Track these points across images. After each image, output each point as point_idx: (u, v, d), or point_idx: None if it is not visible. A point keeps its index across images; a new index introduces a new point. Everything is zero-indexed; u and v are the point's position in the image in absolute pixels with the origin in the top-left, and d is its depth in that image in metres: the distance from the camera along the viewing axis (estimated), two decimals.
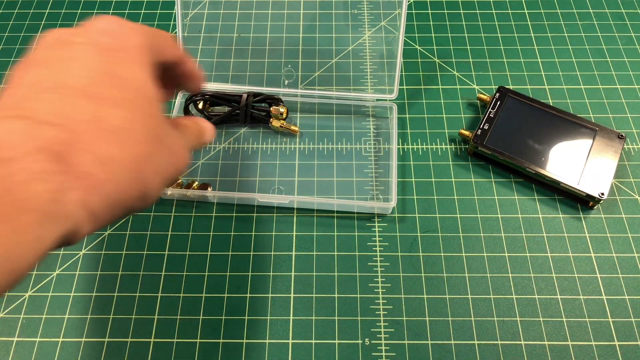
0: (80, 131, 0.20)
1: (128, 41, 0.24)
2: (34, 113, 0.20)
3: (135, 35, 0.25)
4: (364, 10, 0.59)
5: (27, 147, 0.19)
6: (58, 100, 0.21)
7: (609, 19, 0.59)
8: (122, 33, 0.24)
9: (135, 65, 0.24)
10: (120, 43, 0.24)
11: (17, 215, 0.18)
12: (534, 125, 0.48)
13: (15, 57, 0.57)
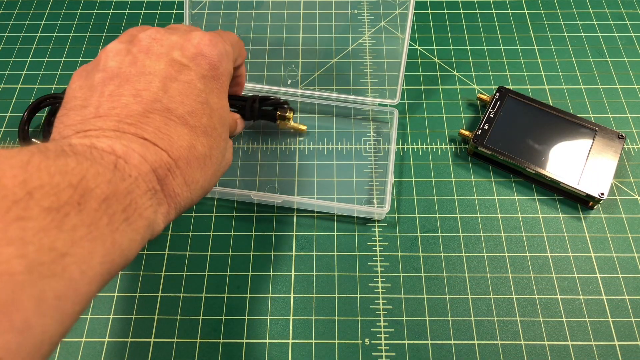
0: (178, 157, 0.24)
1: (223, 69, 0.26)
2: (147, 134, 0.23)
3: (229, 62, 0.27)
4: (364, 11, 0.59)
5: (144, 168, 0.23)
6: (164, 125, 0.24)
7: (608, 19, 0.59)
8: (220, 61, 0.26)
9: (223, 94, 0.26)
10: (217, 73, 0.26)
11: (136, 220, 0.22)
12: (533, 125, 0.48)
13: (15, 57, 0.57)
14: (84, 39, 0.58)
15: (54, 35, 0.58)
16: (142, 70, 0.25)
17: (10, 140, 0.51)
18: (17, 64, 0.56)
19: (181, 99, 0.24)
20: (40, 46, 0.58)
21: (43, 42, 0.58)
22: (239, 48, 0.30)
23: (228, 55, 0.27)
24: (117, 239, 0.21)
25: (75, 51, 0.57)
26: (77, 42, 0.58)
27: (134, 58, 0.26)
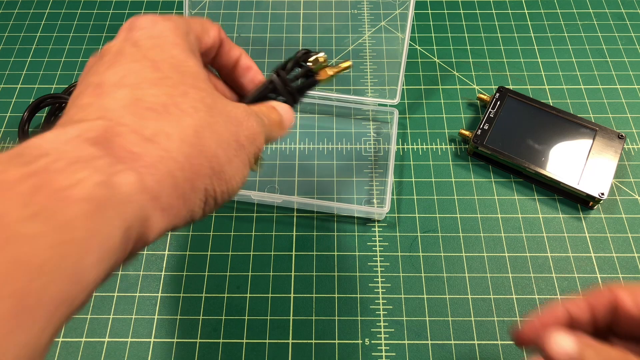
0: (119, 116, 0.19)
1: (158, 30, 0.24)
2: (73, 115, 0.20)
3: (165, 22, 0.24)
4: (364, 11, 0.59)
5: (61, 139, 0.17)
6: (95, 97, 0.20)
7: (609, 19, 0.59)
8: (153, 23, 0.24)
9: (168, 46, 0.23)
10: (150, 32, 0.24)
11: (61, 209, 0.15)
12: (534, 125, 0.48)
13: (15, 57, 0.57)
14: (83, 39, 0.58)
15: (54, 35, 0.58)
16: (90, 71, 0.24)
17: (10, 140, 0.51)
18: (17, 64, 0.56)
19: (114, 70, 0.22)
20: (40, 46, 0.57)
21: (43, 42, 0.58)
22: (197, 22, 0.27)
23: (164, 18, 0.24)
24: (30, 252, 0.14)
25: (75, 51, 0.57)
26: (77, 42, 0.58)
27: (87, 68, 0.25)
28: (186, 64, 0.23)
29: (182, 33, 0.24)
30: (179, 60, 0.23)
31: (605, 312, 0.26)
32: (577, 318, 0.27)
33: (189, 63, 0.23)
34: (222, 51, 0.29)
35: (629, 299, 0.26)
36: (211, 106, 0.22)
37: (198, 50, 0.26)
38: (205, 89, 0.23)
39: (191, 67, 0.23)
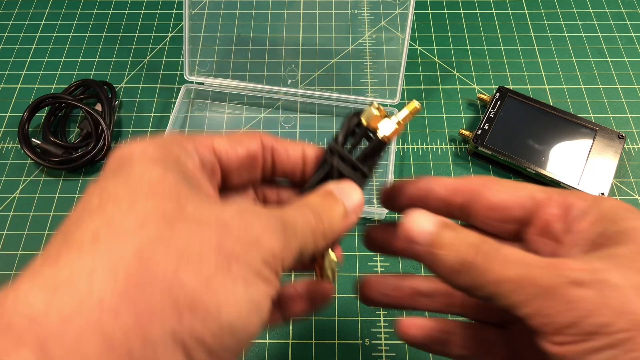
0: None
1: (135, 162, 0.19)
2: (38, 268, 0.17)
3: (145, 148, 0.19)
4: (364, 10, 0.59)
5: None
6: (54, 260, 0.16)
7: (609, 19, 0.59)
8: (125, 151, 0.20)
9: (138, 169, 0.18)
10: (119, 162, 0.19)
11: None
12: (534, 125, 0.48)
13: (15, 57, 0.57)
14: (83, 39, 0.58)
15: (54, 35, 0.58)
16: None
17: (10, 140, 0.51)
18: (16, 64, 0.56)
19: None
20: (40, 46, 0.57)
21: (43, 42, 0.58)
22: (197, 141, 0.22)
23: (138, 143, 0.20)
24: None
25: (75, 51, 0.57)
26: (77, 42, 0.58)
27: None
28: (145, 175, 0.18)
29: (161, 155, 0.19)
30: (138, 174, 0.18)
31: (463, 197, 0.24)
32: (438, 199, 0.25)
33: (150, 173, 0.18)
34: (278, 158, 0.25)
35: (490, 188, 0.24)
36: (173, 214, 0.17)
37: (198, 168, 0.21)
38: (166, 193, 0.17)
39: (152, 177, 0.18)
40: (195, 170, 0.21)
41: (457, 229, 0.22)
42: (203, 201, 0.18)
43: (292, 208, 0.21)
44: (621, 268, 0.18)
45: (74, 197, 0.47)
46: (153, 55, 0.56)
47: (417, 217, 0.22)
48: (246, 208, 0.18)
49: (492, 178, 0.24)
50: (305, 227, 0.20)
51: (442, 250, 0.21)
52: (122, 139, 0.51)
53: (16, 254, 0.44)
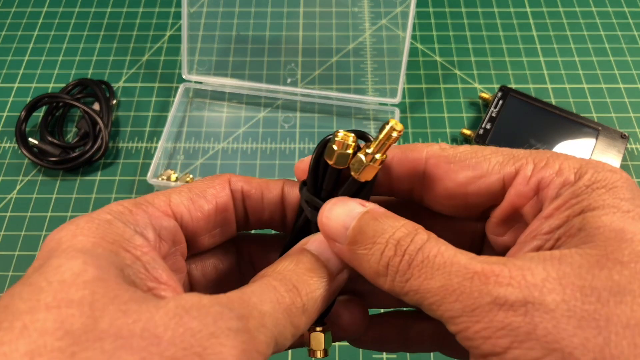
0: None
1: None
2: None
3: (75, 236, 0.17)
4: (365, 9, 0.58)
5: None
6: None
7: (611, 18, 0.58)
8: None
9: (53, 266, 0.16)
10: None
11: None
12: (536, 125, 0.48)
13: (12, 56, 0.56)
14: (81, 38, 0.57)
15: (51, 34, 0.58)
16: None
17: (8, 139, 0.50)
18: (14, 63, 0.56)
19: None
20: (38, 45, 0.57)
21: (40, 41, 0.57)
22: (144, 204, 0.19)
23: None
24: None
25: (72, 50, 0.56)
26: (75, 41, 0.57)
27: None
28: (59, 273, 0.15)
29: (94, 240, 0.17)
30: (52, 271, 0.15)
31: (409, 178, 0.20)
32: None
33: (65, 272, 0.15)
34: (250, 205, 0.21)
35: (445, 170, 0.20)
36: (79, 333, 0.14)
37: (149, 245, 0.18)
38: (77, 300, 0.14)
39: (66, 277, 0.15)
40: (144, 250, 0.17)
41: (383, 219, 0.18)
42: (129, 305, 0.14)
43: (257, 285, 0.17)
44: (562, 285, 0.14)
45: (72, 198, 0.47)
46: (151, 54, 0.56)
47: (334, 208, 0.19)
48: (186, 305, 0.15)
49: (443, 151, 0.20)
50: (276, 309, 0.17)
51: (363, 249, 0.18)
52: (120, 138, 0.50)
53: (14, 254, 0.44)
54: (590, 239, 0.15)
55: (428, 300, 0.16)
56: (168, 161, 0.48)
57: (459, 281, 0.15)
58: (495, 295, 0.15)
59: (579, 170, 0.17)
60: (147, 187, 0.47)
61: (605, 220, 0.16)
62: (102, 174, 0.48)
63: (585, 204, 0.16)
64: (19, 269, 0.43)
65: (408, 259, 0.17)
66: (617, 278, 0.14)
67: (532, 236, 0.17)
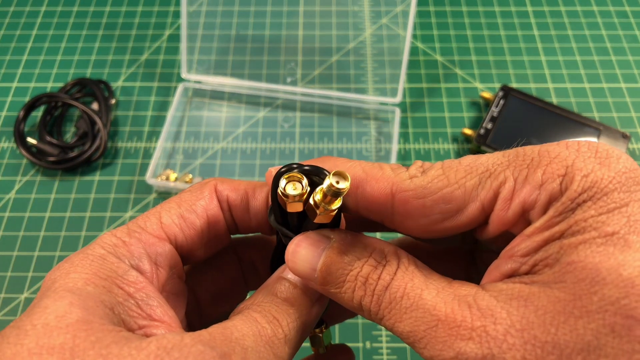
0: None
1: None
2: None
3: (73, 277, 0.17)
4: (365, 8, 0.58)
5: None
6: None
7: (613, 17, 0.58)
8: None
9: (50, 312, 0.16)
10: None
11: None
12: (537, 124, 0.48)
13: (11, 55, 0.56)
14: (79, 37, 0.57)
15: (50, 34, 0.58)
16: None
17: (6, 139, 0.50)
18: (12, 62, 0.55)
19: None
20: (36, 44, 0.57)
21: (38, 41, 0.57)
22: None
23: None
24: None
25: (71, 49, 0.56)
26: (73, 41, 0.57)
27: None
28: (44, 316, 0.15)
29: (86, 278, 0.17)
30: (39, 313, 0.15)
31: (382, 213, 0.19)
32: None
33: (50, 314, 0.15)
34: (236, 214, 0.21)
35: (417, 210, 0.18)
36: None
37: (143, 279, 0.18)
38: (58, 346, 0.15)
39: (50, 320, 0.15)
40: (138, 286, 0.17)
41: (349, 251, 0.17)
42: (111, 348, 0.15)
43: (239, 319, 0.17)
44: (525, 340, 0.14)
45: (70, 198, 0.47)
46: (150, 54, 0.56)
47: (298, 250, 0.18)
48: (167, 346, 0.15)
49: (415, 179, 0.17)
50: (257, 343, 0.16)
51: (335, 289, 0.17)
52: (119, 138, 0.50)
53: (12, 255, 0.44)
54: (561, 277, 0.14)
55: (404, 340, 0.16)
56: (167, 161, 0.48)
57: (425, 328, 0.15)
58: (457, 350, 0.14)
59: (565, 176, 0.15)
60: (146, 187, 0.47)
61: (581, 254, 0.14)
62: (101, 174, 0.48)
63: (565, 226, 0.15)
64: (18, 269, 0.43)
65: (377, 300, 0.16)
66: (582, 332, 0.13)
67: (510, 255, 0.16)
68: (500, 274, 0.16)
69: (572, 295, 0.14)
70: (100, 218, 0.45)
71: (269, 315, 0.18)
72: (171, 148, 0.49)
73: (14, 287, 0.42)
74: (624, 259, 0.13)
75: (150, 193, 0.47)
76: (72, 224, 0.45)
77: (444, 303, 0.15)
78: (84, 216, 0.46)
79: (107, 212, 0.46)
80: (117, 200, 0.46)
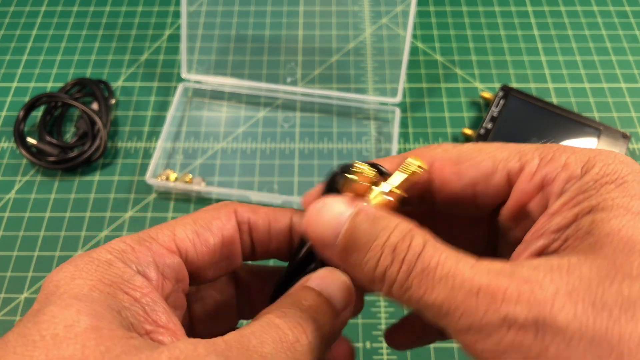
0: None
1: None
2: None
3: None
4: (365, 8, 0.58)
5: None
6: None
7: (613, 17, 0.58)
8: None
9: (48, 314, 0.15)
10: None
11: None
12: (537, 125, 0.48)
13: (11, 55, 0.56)
14: (79, 37, 0.57)
15: (50, 34, 0.57)
16: None
17: (6, 139, 0.50)
18: (12, 62, 0.55)
19: None
20: (36, 44, 0.57)
21: (38, 40, 0.57)
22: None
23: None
24: None
25: (71, 49, 0.56)
26: (73, 40, 0.57)
27: None
28: (52, 325, 0.15)
29: (92, 283, 0.16)
30: (46, 321, 0.15)
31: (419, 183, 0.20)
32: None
33: (58, 323, 0.15)
34: (257, 236, 0.21)
35: (451, 172, 0.19)
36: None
37: (150, 286, 0.18)
38: (68, 357, 0.14)
39: (58, 330, 0.15)
40: (144, 292, 0.17)
41: (375, 220, 0.17)
42: (121, 358, 0.14)
43: (258, 325, 0.16)
44: (574, 301, 0.14)
45: (70, 198, 0.47)
46: (150, 54, 0.56)
47: (321, 212, 0.17)
48: (180, 357, 0.14)
49: (447, 152, 0.19)
50: (278, 349, 0.16)
51: (356, 257, 0.17)
52: (119, 138, 0.50)
53: (12, 255, 0.44)
54: (599, 247, 0.15)
55: (430, 312, 0.15)
56: (167, 161, 0.48)
57: (463, 296, 0.15)
58: (504, 313, 0.14)
59: (586, 163, 0.17)
60: (146, 187, 0.47)
61: (615, 226, 0.15)
62: (100, 174, 0.48)
63: (594, 202, 0.16)
64: (18, 269, 0.43)
65: (407, 269, 0.16)
66: (627, 293, 0.14)
67: (539, 234, 0.17)
68: (530, 253, 0.17)
69: (612, 262, 0.14)
70: (100, 218, 0.45)
71: (292, 321, 0.17)
72: (171, 148, 0.49)
73: (14, 287, 0.42)
74: None
75: (150, 193, 0.47)
76: (72, 224, 0.45)
77: (483, 273, 0.15)
78: (83, 216, 0.46)
79: (107, 212, 0.46)
80: (117, 200, 0.46)
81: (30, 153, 0.47)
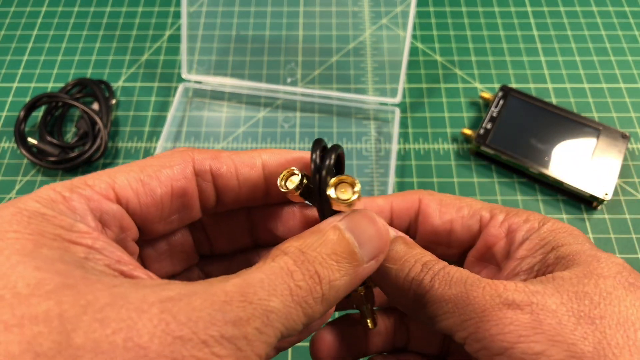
0: None
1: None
2: None
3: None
4: (364, 8, 0.58)
5: None
6: None
7: (612, 17, 0.58)
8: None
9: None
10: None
11: None
12: (537, 125, 0.48)
13: (11, 55, 0.56)
14: (80, 38, 0.57)
15: (50, 34, 0.58)
16: None
17: (6, 139, 0.50)
18: (13, 63, 0.55)
19: None
20: (37, 45, 0.57)
21: (39, 41, 0.57)
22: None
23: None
24: None
25: (71, 50, 0.56)
26: (74, 41, 0.57)
27: None
28: (11, 274, 0.13)
29: (31, 230, 0.14)
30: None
31: (408, 216, 0.24)
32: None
33: (18, 270, 0.13)
34: (223, 185, 0.19)
35: (435, 209, 0.23)
36: (57, 346, 0.12)
37: (92, 234, 0.15)
38: (42, 315, 0.12)
39: (28, 278, 0.13)
40: (93, 235, 0.15)
41: (409, 243, 0.21)
42: (106, 311, 0.12)
43: (270, 270, 0.15)
44: (559, 292, 0.17)
45: None
46: (150, 54, 0.56)
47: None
48: (172, 310, 0.13)
49: (432, 195, 0.24)
50: (286, 303, 0.14)
51: (394, 264, 0.20)
52: (120, 138, 0.50)
53: None
54: (571, 263, 0.19)
55: (444, 309, 0.18)
56: None
57: (472, 289, 0.18)
58: (504, 297, 0.17)
59: (542, 220, 0.21)
60: None
61: (578, 249, 0.19)
62: None
63: (554, 243, 0.20)
64: None
65: (432, 274, 0.19)
66: (602, 286, 0.17)
67: (514, 274, 0.20)
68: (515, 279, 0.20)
69: (586, 268, 0.18)
70: None
71: (310, 269, 0.15)
72: (171, 148, 0.49)
73: None
74: (607, 254, 0.19)
75: None
76: None
77: (489, 280, 0.18)
78: None
79: None
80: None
81: (30, 153, 0.48)
